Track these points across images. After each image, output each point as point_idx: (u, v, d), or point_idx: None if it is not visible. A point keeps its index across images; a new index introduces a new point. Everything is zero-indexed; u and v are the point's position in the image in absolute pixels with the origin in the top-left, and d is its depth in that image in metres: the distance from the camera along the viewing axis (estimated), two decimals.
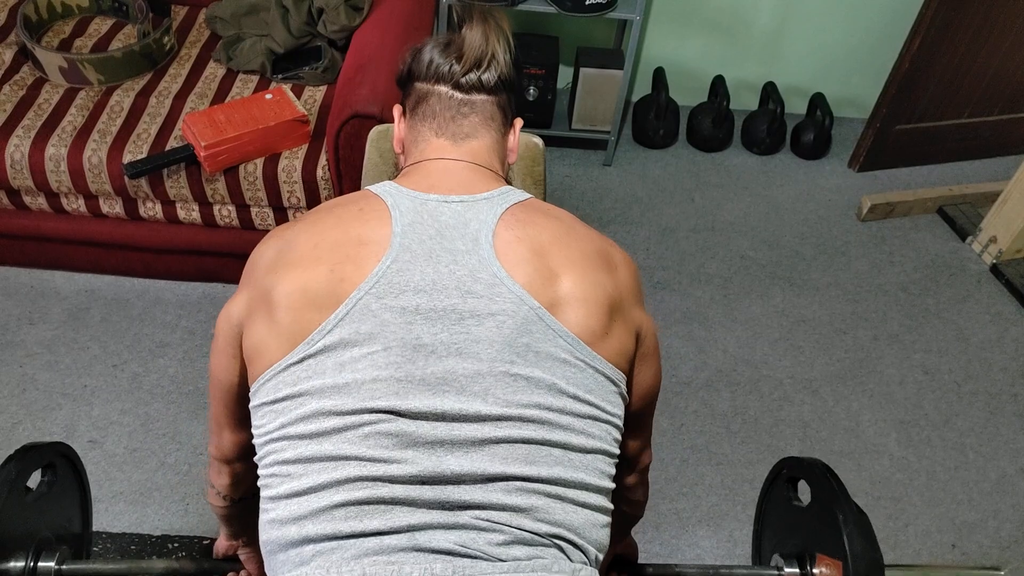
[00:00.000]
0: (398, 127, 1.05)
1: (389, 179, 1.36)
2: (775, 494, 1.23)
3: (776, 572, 1.15)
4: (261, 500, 0.87)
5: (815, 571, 1.10)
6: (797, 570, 1.13)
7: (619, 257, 0.95)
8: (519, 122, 1.07)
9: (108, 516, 1.76)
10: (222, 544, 1.24)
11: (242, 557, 1.22)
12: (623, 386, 0.91)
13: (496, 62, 0.98)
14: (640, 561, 1.31)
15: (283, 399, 0.83)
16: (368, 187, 0.95)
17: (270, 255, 0.90)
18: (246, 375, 0.92)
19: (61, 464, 1.18)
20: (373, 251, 0.85)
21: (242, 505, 1.10)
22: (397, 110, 1.06)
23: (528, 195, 0.96)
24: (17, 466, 1.04)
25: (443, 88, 0.99)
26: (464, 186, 0.93)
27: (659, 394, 1.05)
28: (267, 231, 2.03)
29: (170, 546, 1.72)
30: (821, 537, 1.08)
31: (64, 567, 1.10)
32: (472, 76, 0.98)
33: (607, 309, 0.88)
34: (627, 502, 1.15)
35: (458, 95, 0.98)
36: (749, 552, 1.82)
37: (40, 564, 1.07)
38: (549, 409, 0.84)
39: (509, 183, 1.02)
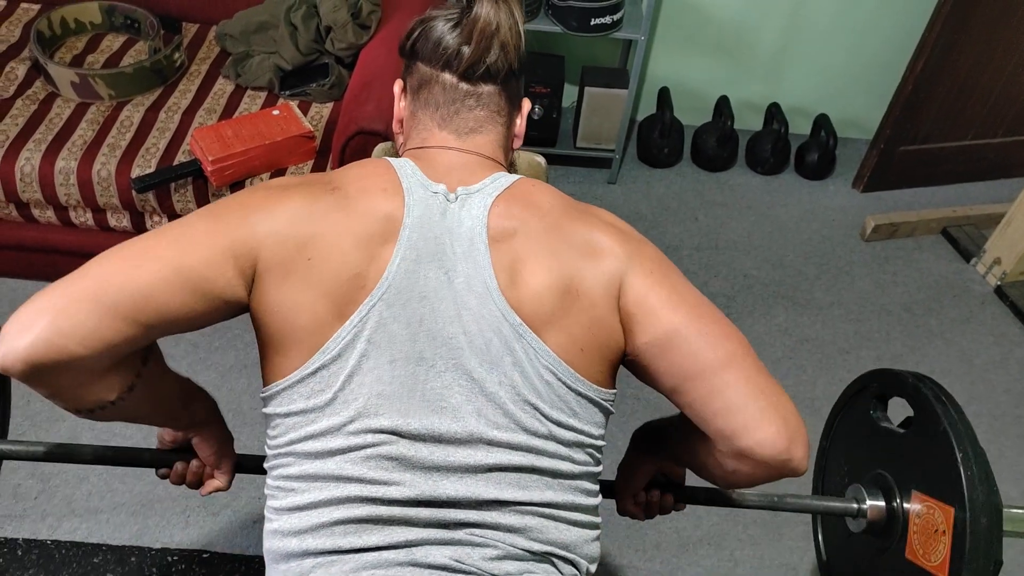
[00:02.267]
0: (398, 105, 1.00)
1: None
2: (856, 411, 1.02)
3: (855, 505, 0.95)
4: (267, 510, 0.89)
5: (908, 508, 0.89)
6: (883, 503, 0.93)
7: (607, 243, 0.87)
8: (526, 104, 1.02)
9: (109, 527, 1.76)
10: (166, 433, 1.01)
11: (193, 444, 1.00)
12: (609, 403, 0.90)
13: (507, 47, 0.91)
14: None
15: (297, 413, 0.85)
16: (389, 159, 0.91)
17: (303, 214, 0.83)
18: (196, 309, 0.77)
19: None
20: (388, 249, 0.84)
21: (141, 393, 0.82)
22: (398, 86, 1.01)
23: (516, 177, 0.92)
24: None
25: (448, 77, 0.92)
26: (465, 179, 0.90)
27: (731, 352, 0.82)
28: None
29: (169, 559, 1.72)
30: (920, 471, 0.88)
31: None
32: (480, 65, 0.91)
33: (562, 300, 0.84)
34: (718, 474, 0.90)
35: (464, 86, 0.92)
36: (751, 574, 1.81)
37: None
38: (535, 435, 0.85)
39: (512, 168, 1.00)
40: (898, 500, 0.91)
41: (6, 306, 2.18)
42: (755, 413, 0.80)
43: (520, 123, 1.01)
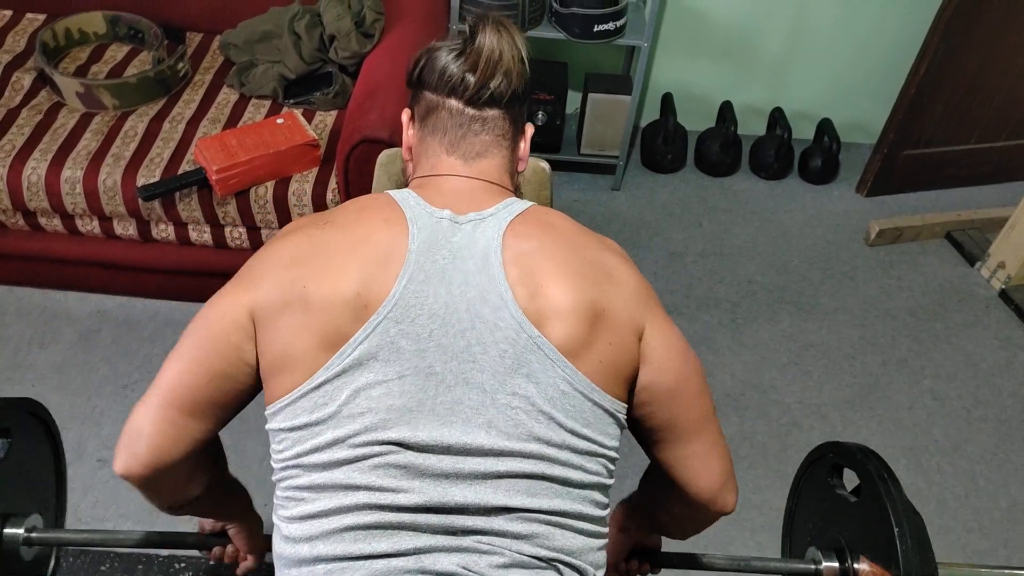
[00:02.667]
0: (406, 133, 1.03)
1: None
2: (815, 479, 1.12)
3: (812, 567, 1.04)
4: (275, 518, 0.90)
5: (858, 568, 0.99)
6: (836, 565, 1.02)
7: (619, 272, 0.91)
8: (530, 129, 1.04)
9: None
10: (206, 522, 1.19)
11: (230, 532, 1.15)
12: (622, 416, 0.91)
13: (510, 74, 0.94)
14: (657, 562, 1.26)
15: (301, 427, 0.85)
16: (389, 192, 0.93)
17: (301, 252, 0.87)
18: (243, 367, 0.88)
19: (28, 424, 1.09)
20: (392, 271, 0.85)
21: (208, 495, 1.01)
22: (406, 114, 1.03)
23: (529, 204, 0.94)
24: None
25: (454, 103, 0.95)
26: (474, 204, 0.92)
27: (707, 412, 0.95)
28: None
29: (176, 566, 1.73)
30: (867, 536, 0.98)
31: (33, 535, 1.04)
32: (485, 91, 0.94)
33: (590, 321, 0.86)
34: (673, 523, 1.11)
35: (470, 111, 0.95)
36: None
37: (6, 531, 1.02)
38: (548, 443, 0.85)
39: (518, 192, 1.02)
40: (849, 562, 1.02)
41: (12, 315, 2.19)
42: (720, 475, 0.98)
43: (524, 147, 1.03)
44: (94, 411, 1.99)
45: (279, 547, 0.88)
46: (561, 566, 0.87)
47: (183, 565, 1.73)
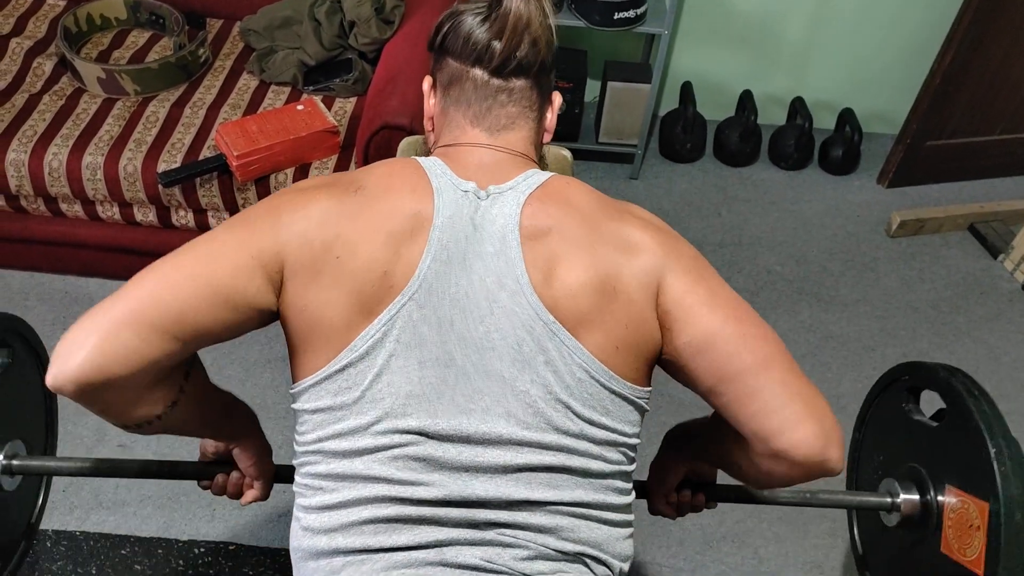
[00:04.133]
0: (428, 102, 0.99)
1: None
2: (887, 406, 1.03)
3: (888, 499, 0.94)
4: (296, 507, 0.89)
5: (942, 502, 0.88)
6: (917, 497, 0.92)
7: (643, 239, 0.87)
8: (557, 98, 1.00)
9: (136, 520, 1.78)
10: (208, 445, 1.06)
11: (234, 455, 1.04)
12: (643, 401, 0.90)
13: (538, 42, 0.90)
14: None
15: (324, 410, 0.84)
16: (417, 159, 0.90)
17: (329, 217, 0.83)
18: (227, 318, 0.80)
19: (14, 345, 1.03)
20: (418, 247, 0.83)
21: (185, 408, 0.86)
22: (427, 82, 0.99)
23: (548, 175, 0.91)
24: None
25: (479, 73, 0.91)
26: (497, 176, 0.89)
27: (769, 354, 0.83)
28: None
29: (196, 551, 1.74)
30: (954, 463, 0.88)
31: (15, 462, 0.99)
32: (512, 61, 0.89)
33: (603, 301, 0.83)
34: (760, 477, 0.90)
35: (495, 81, 0.91)
36: (774, 571, 1.80)
37: None
38: (567, 433, 0.84)
39: (542, 164, 1.00)
40: (932, 494, 0.90)
41: (34, 300, 2.21)
42: (791, 415, 0.81)
43: (551, 117, 0.99)
44: None
45: (297, 540, 0.87)
46: (588, 559, 0.86)
47: (203, 550, 1.74)
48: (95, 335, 0.73)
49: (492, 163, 0.91)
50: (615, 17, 2.41)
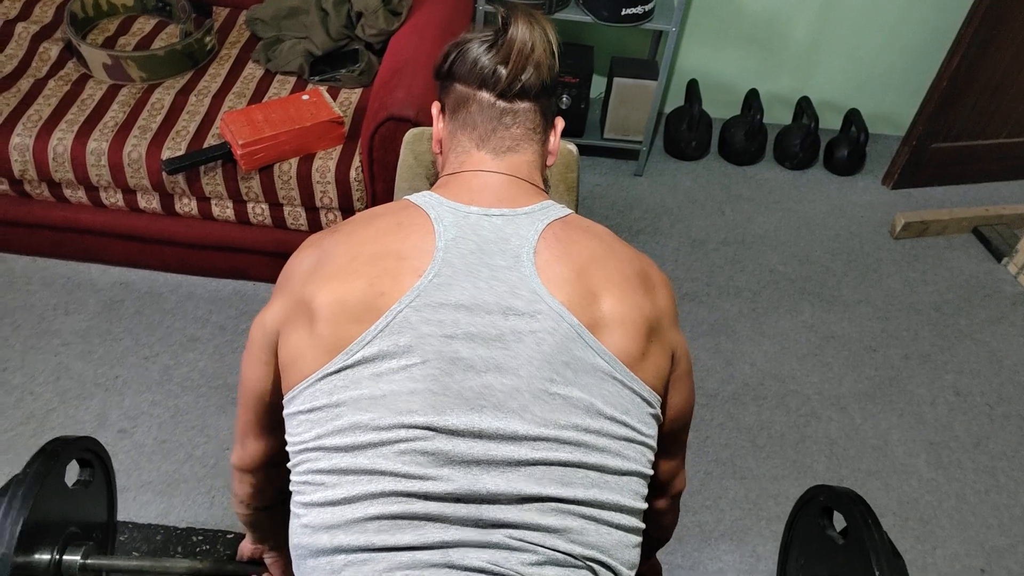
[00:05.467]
0: (436, 126, 1.02)
1: (424, 181, 1.37)
2: (806, 520, 1.18)
3: None
4: (292, 505, 0.87)
5: None
6: None
7: (657, 278, 0.94)
8: (560, 123, 1.04)
9: (135, 506, 1.78)
10: (247, 547, 1.25)
11: (267, 561, 1.23)
12: (658, 408, 0.90)
13: (541, 67, 0.94)
14: None
15: (319, 408, 0.83)
16: (408, 197, 0.93)
17: (307, 265, 0.89)
18: (278, 383, 0.92)
19: (94, 459, 1.19)
20: (413, 266, 0.84)
21: (267, 513, 1.11)
22: (436, 107, 1.03)
23: (568, 211, 0.94)
24: (50, 460, 1.05)
25: (485, 95, 0.95)
26: (505, 200, 0.92)
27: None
28: (299, 231, 2.07)
29: (195, 538, 1.74)
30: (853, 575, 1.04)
31: (89, 561, 1.10)
32: (516, 84, 0.93)
33: (645, 332, 0.88)
34: (656, 526, 1.13)
35: (501, 103, 0.95)
36: (772, 569, 1.80)
37: (66, 557, 1.08)
38: (586, 431, 0.83)
39: (547, 187, 1.02)
40: None
41: (37, 284, 2.21)
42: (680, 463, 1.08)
43: (554, 140, 1.03)
44: (116, 380, 2.01)
45: (296, 537, 0.85)
46: (596, 565, 0.84)
47: (201, 538, 1.74)
48: (237, 444, 1.04)
49: (496, 185, 0.94)
50: (623, 13, 2.40)
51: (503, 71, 0.92)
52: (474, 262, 0.85)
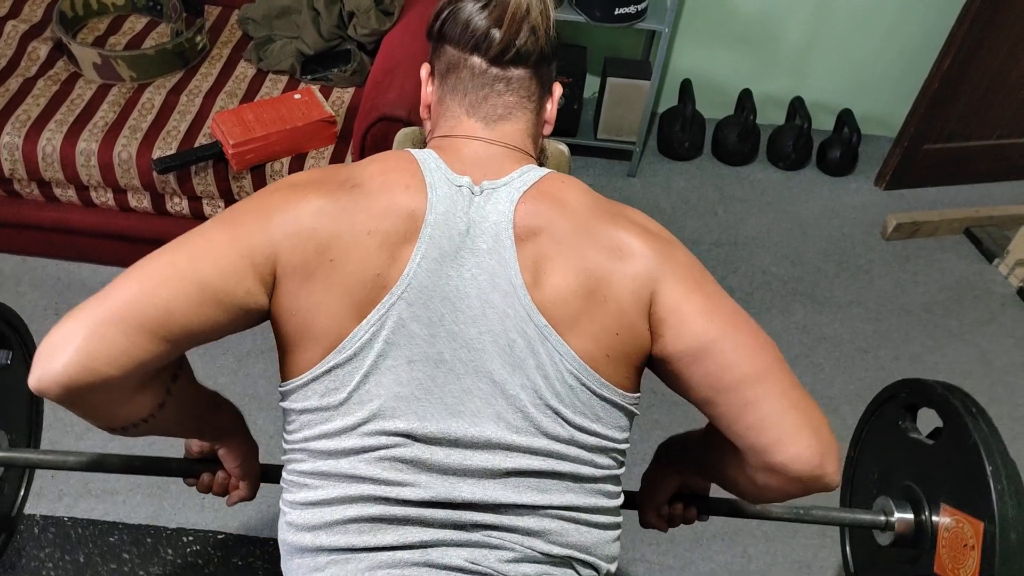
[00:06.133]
0: (425, 90, 0.97)
1: None
2: (883, 423, 1.02)
3: (883, 518, 0.94)
4: (281, 502, 0.88)
5: (937, 521, 0.88)
6: (911, 516, 0.92)
7: (637, 246, 0.84)
8: (558, 89, 0.97)
9: (126, 508, 1.77)
10: (193, 444, 1.05)
11: (220, 454, 1.03)
12: (634, 407, 0.88)
13: (537, 30, 0.88)
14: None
15: (311, 410, 0.83)
16: (411, 151, 0.88)
17: (323, 217, 0.81)
18: (221, 326, 0.78)
19: (10, 333, 1.04)
20: (409, 246, 0.81)
21: (167, 412, 0.83)
22: (425, 69, 0.97)
23: (545, 172, 0.88)
24: None
25: (477, 60, 0.89)
26: (493, 170, 0.87)
27: (765, 365, 0.81)
28: None
29: (184, 539, 1.73)
30: (949, 482, 0.87)
31: (1, 455, 1.00)
32: (511, 49, 0.87)
33: (591, 307, 0.81)
34: (754, 491, 0.89)
35: (494, 70, 0.89)
36: (763, 569, 1.80)
37: None
38: (556, 439, 0.83)
39: (544, 156, 0.97)
40: (927, 513, 0.89)
41: (26, 285, 2.19)
42: (788, 428, 0.79)
43: (551, 109, 0.97)
44: None
45: (283, 533, 0.87)
46: (575, 562, 0.86)
47: (191, 539, 1.74)
48: (80, 335, 0.69)
49: (487, 157, 0.89)
50: (616, 13, 2.40)
51: (497, 34, 0.86)
52: (460, 245, 0.82)
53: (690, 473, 1.07)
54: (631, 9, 2.40)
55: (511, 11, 0.86)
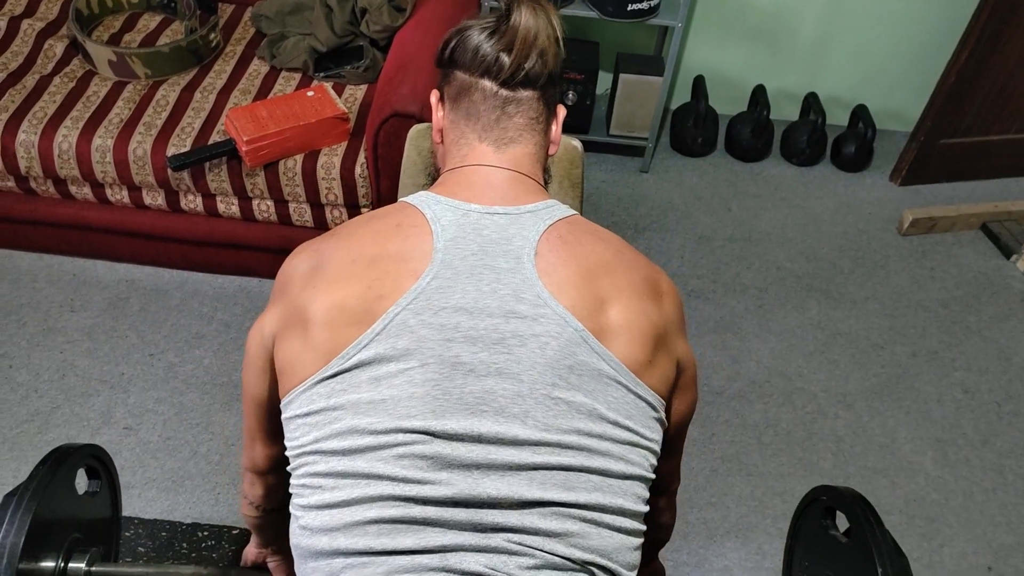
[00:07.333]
0: (436, 115, 1.00)
1: (429, 178, 1.36)
2: (810, 520, 1.18)
3: None
4: (292, 507, 0.87)
5: None
6: None
7: (666, 286, 0.92)
8: (561, 111, 1.01)
9: (141, 502, 1.79)
10: (251, 551, 1.25)
11: (271, 565, 1.23)
12: (662, 412, 0.89)
13: (545, 54, 0.91)
14: None
15: (317, 412, 0.83)
16: (404, 199, 0.91)
17: (303, 269, 0.88)
18: (277, 389, 0.91)
19: (99, 467, 1.19)
20: (412, 268, 0.83)
21: (276, 515, 1.12)
22: (435, 96, 1.00)
23: (573, 211, 0.92)
24: (55, 469, 1.05)
25: (488, 83, 0.92)
26: (507, 198, 0.90)
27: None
28: (304, 227, 2.07)
29: (200, 534, 1.74)
30: (857, 575, 1.04)
31: (94, 568, 1.09)
32: (520, 72, 0.91)
33: (653, 339, 0.86)
34: (656, 526, 1.13)
35: (503, 92, 0.92)
36: (778, 566, 1.79)
37: (71, 565, 1.07)
38: (589, 435, 0.83)
39: (548, 179, 1.00)
40: None
41: (43, 281, 2.21)
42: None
43: (556, 129, 1.00)
44: (122, 378, 2.01)
45: (296, 538, 0.85)
46: (595, 569, 0.84)
47: (206, 533, 1.75)
48: (245, 448, 1.04)
49: (498, 182, 0.92)
50: (628, 8, 2.39)
51: (506, 59, 0.90)
52: (476, 263, 0.84)
53: (642, 566, 1.20)
54: (644, 5, 2.39)
55: (520, 37, 0.89)
